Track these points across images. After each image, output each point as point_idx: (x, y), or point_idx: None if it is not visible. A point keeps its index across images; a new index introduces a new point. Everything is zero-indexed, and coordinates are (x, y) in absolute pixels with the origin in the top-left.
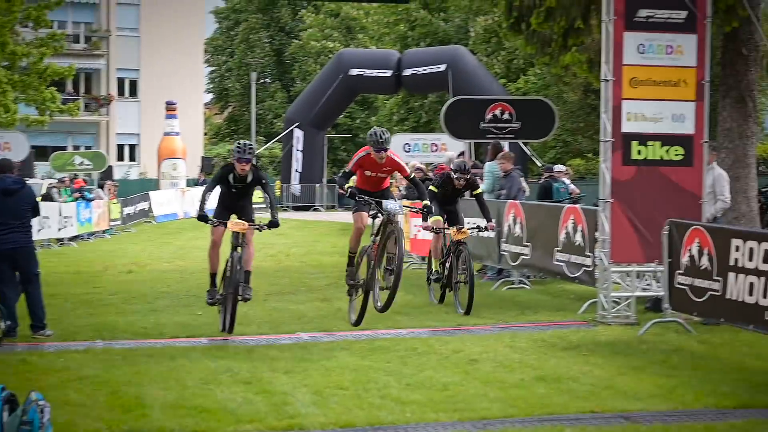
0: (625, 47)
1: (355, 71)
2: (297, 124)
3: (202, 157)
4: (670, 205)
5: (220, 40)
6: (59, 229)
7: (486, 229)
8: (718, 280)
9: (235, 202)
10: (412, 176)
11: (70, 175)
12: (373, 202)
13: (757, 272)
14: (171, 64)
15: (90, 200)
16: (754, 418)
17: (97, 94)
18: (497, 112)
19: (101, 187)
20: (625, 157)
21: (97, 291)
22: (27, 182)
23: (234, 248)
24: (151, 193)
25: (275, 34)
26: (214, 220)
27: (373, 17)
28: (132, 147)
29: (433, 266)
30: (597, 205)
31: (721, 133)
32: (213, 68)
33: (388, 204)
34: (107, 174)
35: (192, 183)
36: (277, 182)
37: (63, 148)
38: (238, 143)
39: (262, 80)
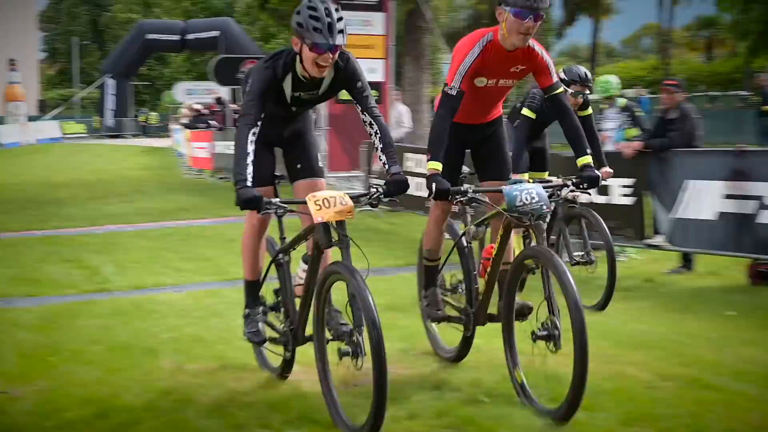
0: None
1: (151, 36)
2: (110, 75)
3: (38, 99)
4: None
5: (51, 12)
6: None
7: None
8: None
9: (285, 128)
10: (558, 90)
11: None
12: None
13: (422, 175)
14: (12, 31)
15: None
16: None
17: None
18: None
19: None
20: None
21: None
22: None
23: (320, 250)
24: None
25: (92, 9)
26: (275, 200)
27: None
28: None
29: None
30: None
31: (405, 81)
32: (46, 33)
33: (523, 194)
34: None
35: (29, 119)
36: (95, 117)
37: None
38: (309, 2)
39: (83, 42)
